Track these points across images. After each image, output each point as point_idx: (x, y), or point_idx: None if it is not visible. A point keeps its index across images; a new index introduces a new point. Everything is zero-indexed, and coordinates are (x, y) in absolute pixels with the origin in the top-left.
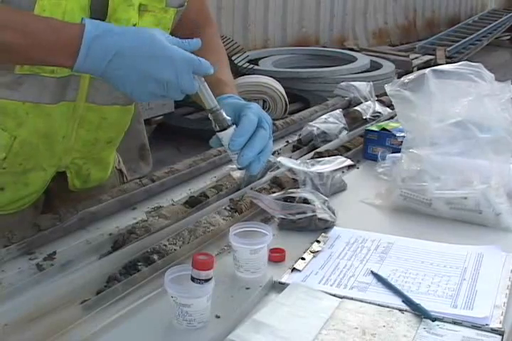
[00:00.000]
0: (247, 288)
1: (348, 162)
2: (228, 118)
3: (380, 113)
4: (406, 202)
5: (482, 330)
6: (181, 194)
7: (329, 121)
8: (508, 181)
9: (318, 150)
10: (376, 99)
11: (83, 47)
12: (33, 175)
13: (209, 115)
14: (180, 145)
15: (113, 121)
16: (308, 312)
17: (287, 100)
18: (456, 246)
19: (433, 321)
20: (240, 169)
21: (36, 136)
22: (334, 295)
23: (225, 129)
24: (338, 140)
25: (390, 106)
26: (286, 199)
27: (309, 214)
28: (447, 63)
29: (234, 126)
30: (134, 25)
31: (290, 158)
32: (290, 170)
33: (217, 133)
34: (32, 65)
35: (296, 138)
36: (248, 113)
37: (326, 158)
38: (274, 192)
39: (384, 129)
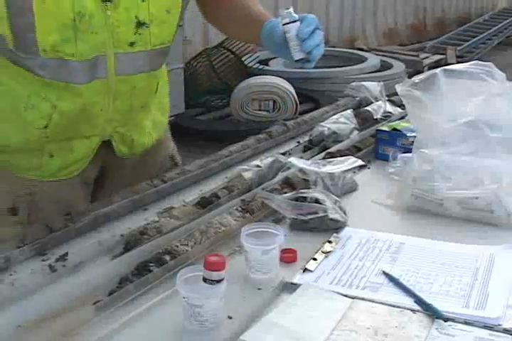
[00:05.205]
0: (259, 289)
1: (359, 162)
2: (296, 15)
3: (390, 113)
4: (417, 202)
5: (494, 330)
6: (192, 195)
7: (340, 121)
8: None
9: (329, 150)
10: (387, 99)
11: None
12: (77, 142)
13: (280, 11)
14: (191, 146)
15: (143, 88)
16: (320, 313)
17: (297, 100)
18: (468, 246)
19: (445, 321)
20: (296, 61)
21: (74, 111)
22: (346, 296)
23: (293, 22)
24: (349, 140)
25: (401, 106)
26: (297, 199)
27: (321, 214)
28: (458, 63)
29: (299, 22)
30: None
31: (301, 158)
32: (301, 170)
33: (285, 26)
34: None
35: (307, 138)
36: (307, 15)
37: (337, 159)
38: (285, 193)
39: (395, 129)
